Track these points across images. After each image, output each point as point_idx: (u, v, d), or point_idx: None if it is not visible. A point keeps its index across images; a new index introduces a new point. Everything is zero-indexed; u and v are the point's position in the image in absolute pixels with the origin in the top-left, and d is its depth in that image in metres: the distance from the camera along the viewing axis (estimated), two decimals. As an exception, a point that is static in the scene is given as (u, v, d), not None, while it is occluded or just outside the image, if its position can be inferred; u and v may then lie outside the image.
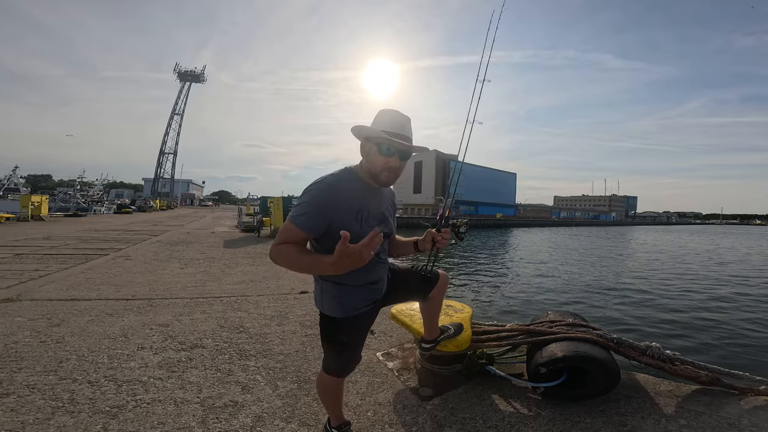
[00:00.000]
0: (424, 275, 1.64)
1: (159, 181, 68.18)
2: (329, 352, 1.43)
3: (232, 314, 3.28)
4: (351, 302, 1.35)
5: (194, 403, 1.83)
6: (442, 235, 1.48)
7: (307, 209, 1.19)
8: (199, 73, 72.59)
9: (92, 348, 2.44)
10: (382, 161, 1.25)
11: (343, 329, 1.37)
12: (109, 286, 4.22)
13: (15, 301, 3.50)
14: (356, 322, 1.39)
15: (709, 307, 7.63)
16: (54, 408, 1.73)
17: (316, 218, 1.19)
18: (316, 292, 1.40)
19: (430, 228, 1.55)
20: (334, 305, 1.34)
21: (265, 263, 6.14)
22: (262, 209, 16.22)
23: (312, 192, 1.22)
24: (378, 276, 1.42)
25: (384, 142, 1.23)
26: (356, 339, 1.44)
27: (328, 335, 1.40)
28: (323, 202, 1.20)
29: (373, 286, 1.40)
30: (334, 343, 1.39)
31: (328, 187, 1.23)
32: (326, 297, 1.35)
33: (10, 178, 28.97)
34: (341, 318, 1.35)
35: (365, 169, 1.31)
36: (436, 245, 1.51)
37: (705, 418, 1.75)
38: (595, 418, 1.77)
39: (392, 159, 1.25)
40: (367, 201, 1.30)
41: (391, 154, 1.24)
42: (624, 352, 2.05)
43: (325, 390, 1.51)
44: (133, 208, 32.14)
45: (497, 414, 1.81)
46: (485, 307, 7.29)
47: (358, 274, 1.32)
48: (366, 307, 1.39)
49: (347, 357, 1.43)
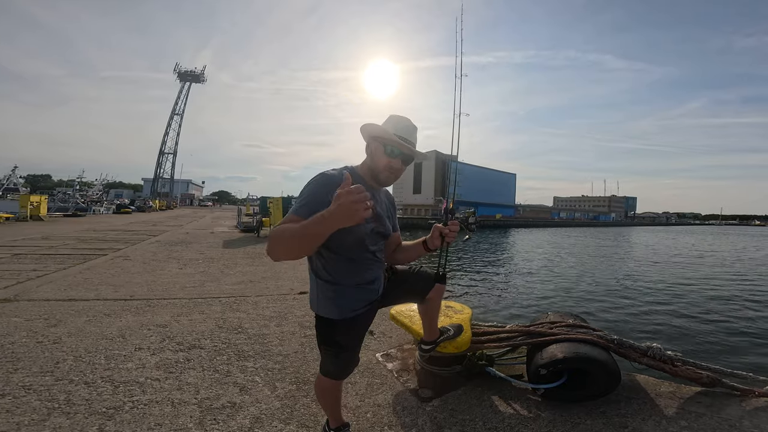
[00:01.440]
0: (438, 273, 1.68)
1: (159, 181, 68.12)
2: (327, 355, 1.40)
3: (231, 315, 3.27)
4: (348, 303, 1.33)
5: (192, 404, 1.82)
6: (450, 228, 1.48)
7: (308, 200, 1.17)
8: (199, 73, 72.61)
9: (89, 349, 2.42)
10: (386, 161, 1.29)
11: (340, 331, 1.35)
12: (107, 286, 4.20)
13: (12, 301, 3.48)
14: (353, 324, 1.37)
15: (710, 307, 7.63)
16: (50, 409, 1.72)
17: (318, 209, 1.16)
18: (312, 294, 1.38)
19: (436, 223, 1.53)
20: (330, 306, 1.33)
21: (265, 263, 6.13)
22: (262, 209, 16.20)
23: (313, 184, 1.22)
24: (374, 275, 1.41)
25: (390, 143, 1.27)
26: (354, 341, 1.42)
27: (324, 338, 1.38)
28: (324, 192, 1.17)
29: (369, 286, 1.39)
30: (332, 346, 1.37)
31: (330, 179, 1.22)
32: (322, 298, 1.33)
33: (9, 178, 28.93)
34: (338, 319, 1.33)
35: (367, 168, 1.34)
36: (446, 239, 1.49)
37: (706, 420, 1.74)
38: (596, 420, 1.76)
39: (395, 161, 1.29)
40: None
41: (395, 156, 1.28)
42: (625, 354, 2.04)
43: (323, 392, 1.50)
44: (133, 209, 32.08)
45: (497, 415, 1.80)
46: (485, 308, 7.28)
47: (354, 273, 1.33)
48: (363, 308, 1.37)
49: (345, 359, 1.41)
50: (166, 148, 69.11)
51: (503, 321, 4.53)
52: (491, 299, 8.20)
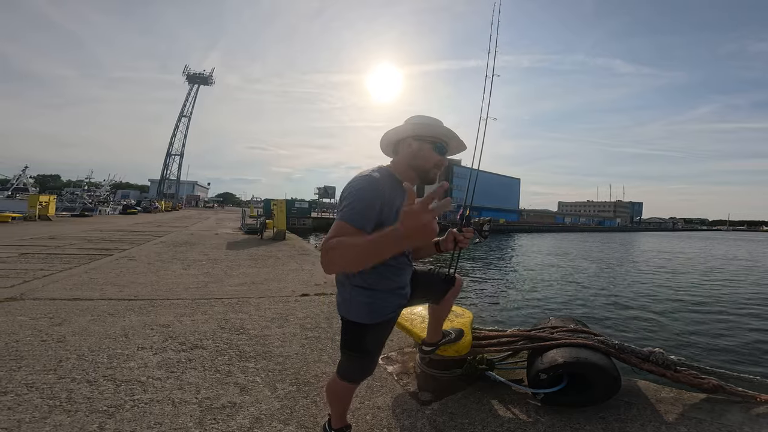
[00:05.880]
0: (446, 276, 1.69)
1: (165, 182, 68.58)
2: (349, 360, 1.39)
3: (233, 316, 3.29)
4: (382, 308, 1.33)
5: (192, 403, 1.83)
6: (464, 235, 1.51)
7: (358, 206, 1.12)
8: (208, 75, 73.20)
9: (92, 347, 2.45)
10: (436, 159, 1.32)
11: (371, 336, 1.34)
12: (111, 286, 4.24)
13: (18, 300, 3.53)
14: (382, 328, 1.38)
15: (715, 311, 7.54)
16: (51, 407, 1.74)
17: (369, 215, 1.13)
18: (343, 299, 1.35)
19: (451, 228, 1.55)
20: (364, 312, 1.31)
21: (267, 265, 6.16)
22: (266, 211, 16.27)
23: (359, 188, 1.17)
24: (406, 281, 1.44)
25: (448, 140, 1.34)
26: (380, 345, 1.42)
27: (352, 343, 1.35)
28: (372, 198, 1.15)
29: (401, 291, 1.41)
30: (358, 351, 1.36)
31: (376, 181, 1.19)
32: (355, 304, 1.31)
33: (19, 178, 29.27)
34: (370, 324, 1.32)
35: (405, 166, 1.32)
36: (458, 245, 1.53)
37: (706, 426, 1.73)
38: (595, 425, 1.75)
39: (444, 158, 1.35)
40: (400, 199, 1.27)
41: (444, 153, 1.34)
42: (626, 359, 2.02)
43: (336, 395, 1.49)
44: (139, 209, 32.35)
45: (496, 420, 1.80)
46: (486, 313, 7.25)
47: (390, 278, 1.35)
48: (391, 313, 1.38)
49: (368, 363, 1.41)
50: (173, 150, 69.63)
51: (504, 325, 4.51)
52: (493, 304, 8.16)
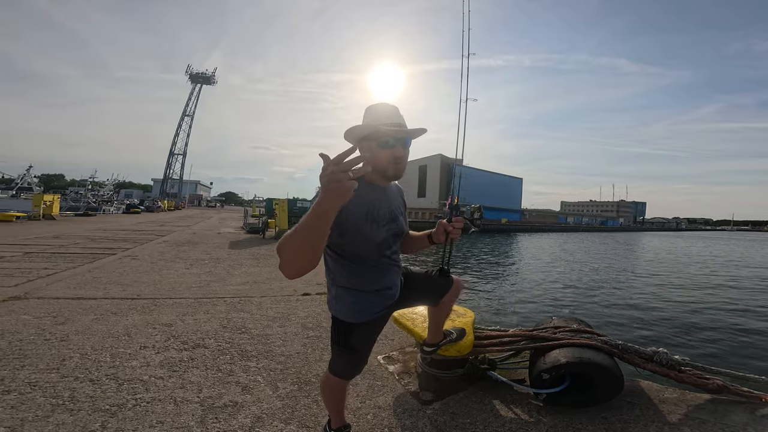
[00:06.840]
0: (441, 270, 1.66)
1: (168, 181, 68.80)
2: (339, 356, 1.41)
3: (235, 315, 3.29)
4: (366, 308, 1.34)
5: (194, 402, 1.83)
6: (454, 225, 1.46)
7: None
8: (210, 75, 73.38)
9: (95, 346, 2.46)
10: (387, 154, 1.22)
11: (357, 334, 1.36)
12: (115, 285, 4.26)
13: (22, 299, 3.55)
14: (369, 328, 1.38)
15: (719, 311, 7.50)
16: (54, 405, 1.75)
17: None
18: (331, 297, 1.38)
19: (441, 219, 1.52)
20: (348, 310, 1.33)
21: (270, 264, 6.17)
22: (268, 211, 16.30)
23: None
24: (393, 281, 1.42)
25: (383, 135, 1.20)
26: (368, 344, 1.43)
27: (339, 339, 1.38)
28: None
29: (388, 292, 1.40)
30: (345, 348, 1.37)
31: None
32: (342, 303, 1.34)
33: (24, 177, 29.42)
34: (355, 323, 1.34)
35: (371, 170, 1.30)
36: (450, 236, 1.48)
37: (709, 426, 1.72)
38: (598, 426, 1.74)
39: (397, 149, 1.23)
40: (374, 201, 1.28)
41: (393, 145, 1.22)
42: (629, 359, 2.01)
43: (329, 391, 1.50)
44: (142, 209, 32.48)
45: (498, 420, 1.79)
46: (488, 312, 7.23)
47: (374, 279, 1.33)
48: (379, 313, 1.38)
49: (357, 360, 1.43)
50: (176, 149, 69.86)
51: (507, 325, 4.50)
52: (495, 303, 8.14)
